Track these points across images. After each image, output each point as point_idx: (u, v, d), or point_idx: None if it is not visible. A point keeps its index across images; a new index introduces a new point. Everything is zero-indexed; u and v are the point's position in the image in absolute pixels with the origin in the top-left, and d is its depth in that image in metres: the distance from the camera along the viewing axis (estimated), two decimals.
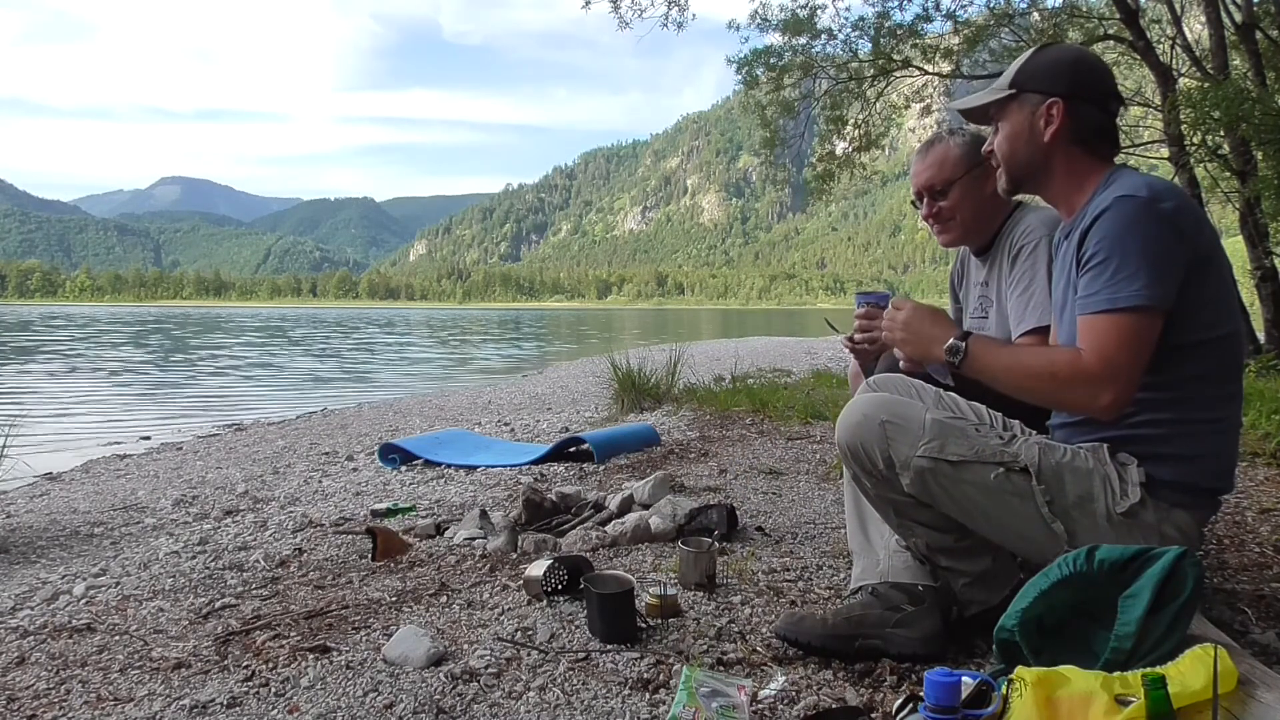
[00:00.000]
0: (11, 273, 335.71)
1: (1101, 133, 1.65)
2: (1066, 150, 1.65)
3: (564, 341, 33.42)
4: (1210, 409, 1.56)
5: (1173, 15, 10.42)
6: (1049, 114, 1.64)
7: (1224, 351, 1.56)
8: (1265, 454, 3.76)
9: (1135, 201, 1.49)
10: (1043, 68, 1.67)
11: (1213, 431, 1.57)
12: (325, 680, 1.70)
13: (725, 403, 6.34)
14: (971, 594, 1.72)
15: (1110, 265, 1.48)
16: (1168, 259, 1.47)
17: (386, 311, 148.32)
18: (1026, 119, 1.66)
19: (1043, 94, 1.64)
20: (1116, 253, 1.48)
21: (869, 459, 1.65)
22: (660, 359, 7.38)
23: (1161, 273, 1.46)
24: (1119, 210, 1.50)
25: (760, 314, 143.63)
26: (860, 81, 12.17)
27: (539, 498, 3.08)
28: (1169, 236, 1.48)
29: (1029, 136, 1.66)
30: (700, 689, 1.47)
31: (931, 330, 1.66)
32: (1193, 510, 1.58)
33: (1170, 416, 1.54)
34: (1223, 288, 1.55)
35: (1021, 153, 1.68)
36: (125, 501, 4.35)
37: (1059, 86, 1.64)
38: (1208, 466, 1.57)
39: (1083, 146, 1.64)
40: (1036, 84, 1.66)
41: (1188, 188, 9.43)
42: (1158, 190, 1.51)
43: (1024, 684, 1.17)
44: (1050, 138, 1.64)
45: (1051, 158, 1.66)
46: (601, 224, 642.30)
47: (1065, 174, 1.66)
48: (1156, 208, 1.48)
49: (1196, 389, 1.55)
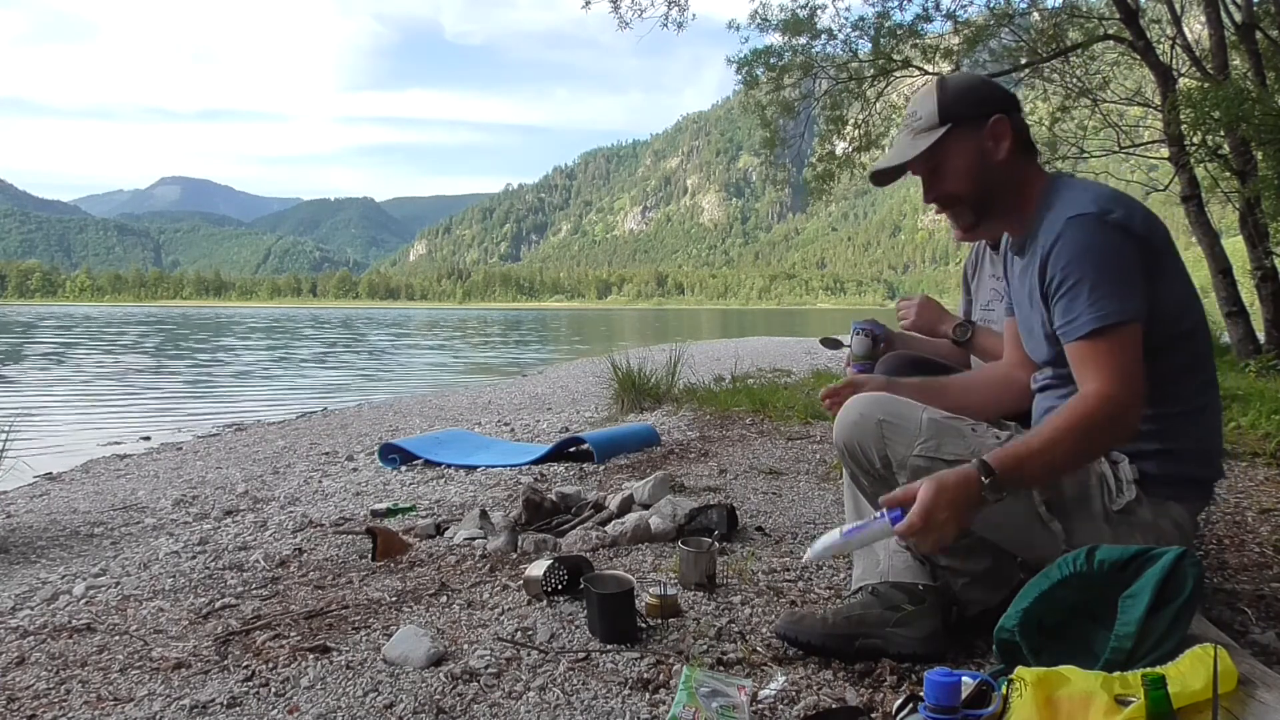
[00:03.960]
0: (11, 273, 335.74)
1: (1030, 141, 1.66)
2: (1018, 164, 1.63)
3: (564, 341, 33.42)
4: (1189, 400, 1.58)
5: (1173, 15, 10.42)
6: (995, 131, 1.61)
7: (1193, 343, 1.58)
8: (1265, 454, 3.76)
9: (1087, 220, 1.49)
10: (965, 93, 1.63)
11: (1195, 421, 1.59)
12: (325, 680, 1.70)
13: (725, 403, 6.34)
14: (971, 594, 1.72)
15: (1083, 288, 1.48)
16: (1131, 269, 1.48)
17: (387, 311, 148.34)
18: (974, 147, 1.61)
19: (982, 116, 1.61)
20: (1086, 275, 1.48)
21: (866, 458, 1.66)
22: (660, 359, 7.38)
23: (1131, 284, 1.48)
24: (1074, 232, 1.50)
25: (760, 314, 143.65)
26: (860, 81, 12.16)
27: (539, 498, 3.08)
28: (1127, 247, 1.49)
29: (984, 161, 1.61)
30: (700, 689, 1.47)
31: (957, 492, 1.42)
32: (1186, 502, 1.60)
33: (1152, 412, 1.56)
34: (1181, 281, 1.57)
35: (983, 181, 1.63)
36: (125, 501, 4.35)
37: (993, 104, 1.62)
38: (1195, 456, 1.59)
39: (1025, 155, 1.64)
40: (971, 110, 1.61)
41: (1188, 188, 9.44)
42: (1104, 202, 1.52)
43: (1024, 684, 1.17)
44: (1006, 154, 1.61)
45: (1008, 176, 1.63)
46: (601, 224, 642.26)
47: (1017, 189, 1.64)
48: (1108, 221, 1.49)
49: (1174, 383, 1.56)
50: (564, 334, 42.13)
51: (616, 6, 11.93)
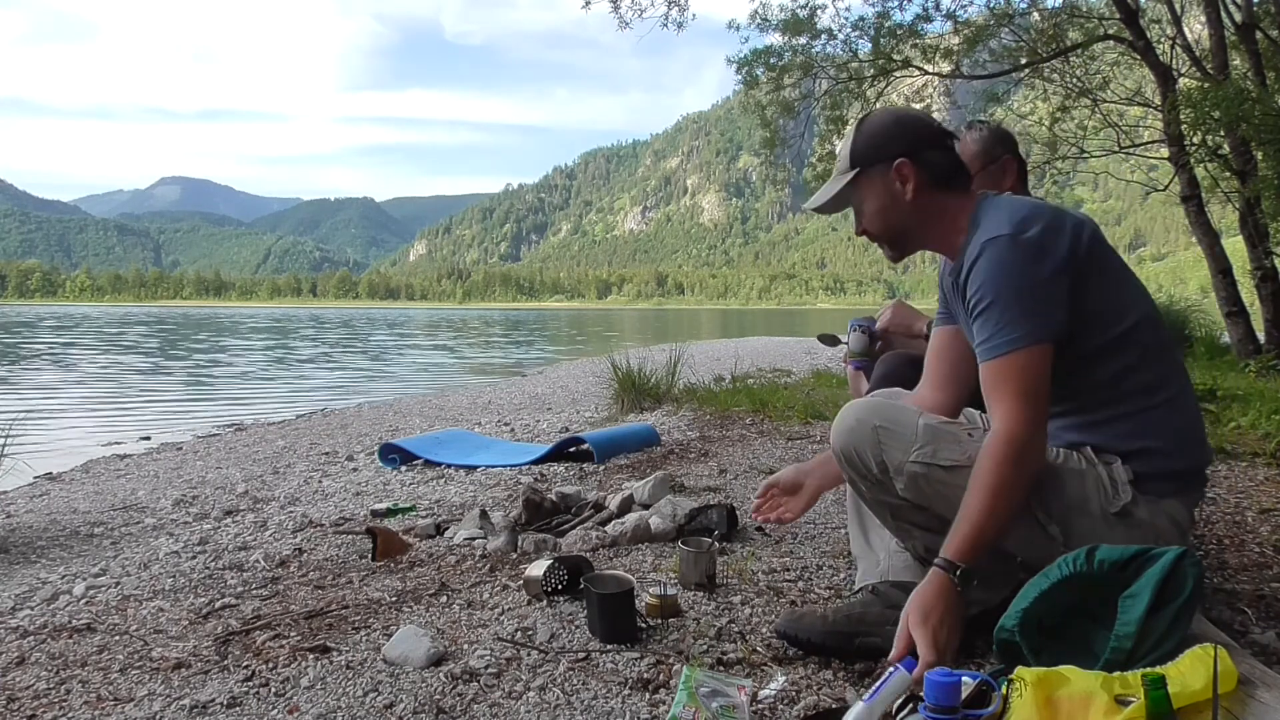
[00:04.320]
0: (11, 273, 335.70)
1: (952, 171, 1.69)
2: (931, 198, 1.68)
3: (564, 341, 33.42)
4: (1155, 392, 1.60)
5: (1173, 15, 10.42)
6: (900, 174, 1.67)
7: (1139, 337, 1.59)
8: (1265, 454, 3.76)
9: (999, 241, 1.53)
10: (873, 137, 1.70)
11: (1167, 413, 1.60)
12: (325, 680, 1.70)
13: (725, 403, 6.34)
14: (970, 594, 1.72)
15: (993, 311, 1.52)
16: (1044, 287, 1.51)
17: (387, 312, 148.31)
18: (883, 189, 1.69)
19: (886, 160, 1.67)
20: (998, 296, 1.52)
21: (863, 464, 1.66)
22: (660, 359, 7.38)
23: (1043, 304, 1.51)
24: (988, 254, 1.54)
25: (760, 314, 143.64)
26: (860, 81, 12.16)
27: (539, 498, 3.08)
28: (1041, 265, 1.52)
29: (893, 202, 1.69)
30: (700, 689, 1.47)
31: (941, 608, 1.45)
32: (1180, 496, 1.61)
33: (1123, 411, 1.59)
34: (1116, 282, 1.59)
35: (894, 220, 1.70)
36: (125, 501, 4.35)
37: (897, 146, 1.68)
38: (1176, 448, 1.60)
39: (942, 189, 1.68)
40: (876, 154, 1.68)
41: (1188, 188, 9.44)
42: (1019, 221, 1.54)
43: (1024, 684, 1.17)
44: (912, 195, 1.67)
45: (922, 212, 1.69)
46: (601, 224, 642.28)
47: (938, 221, 1.70)
48: (1021, 240, 1.52)
49: (1136, 379, 1.59)
50: (564, 334, 42.12)
51: (616, 6, 11.94)
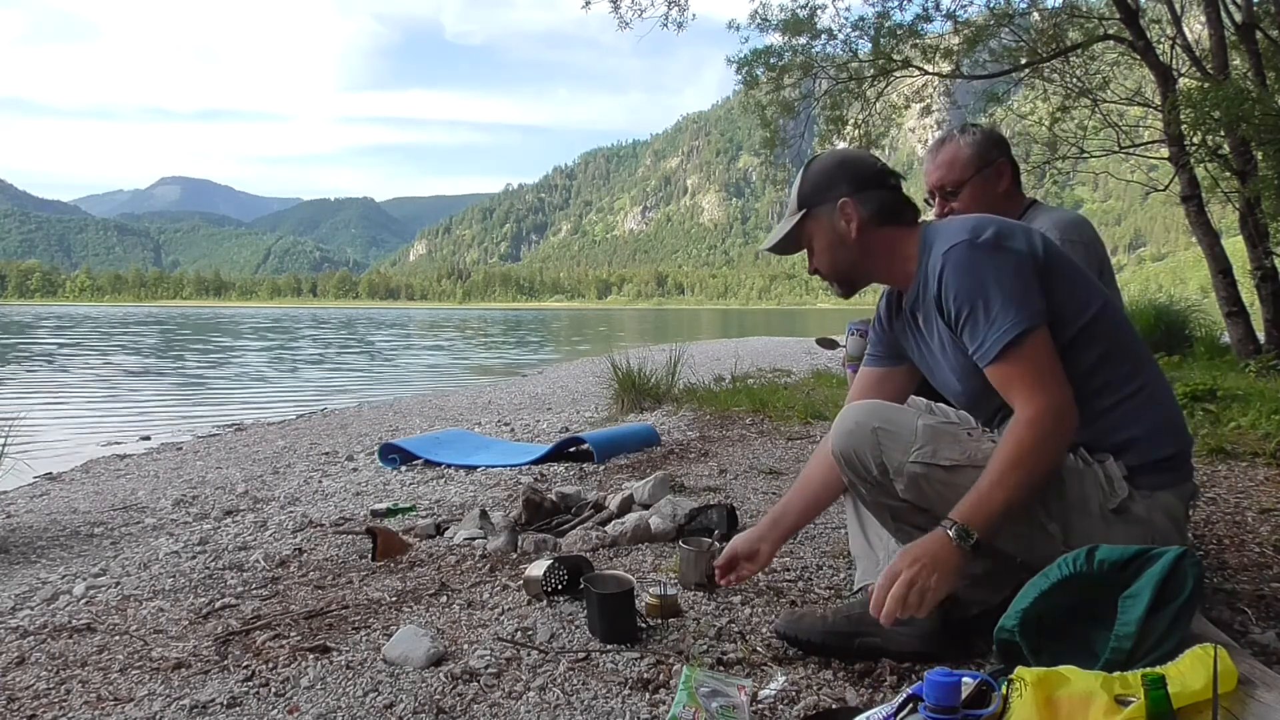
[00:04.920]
0: (11, 273, 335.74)
1: (896, 207, 1.73)
2: (877, 235, 1.72)
3: (564, 342, 33.42)
4: (1127, 382, 1.61)
5: (1173, 15, 10.41)
6: (845, 213, 1.72)
7: (1105, 326, 1.62)
8: (1265, 454, 3.76)
9: (959, 248, 1.58)
10: (818, 179, 1.76)
11: (1143, 403, 1.62)
12: (325, 680, 1.70)
13: (725, 403, 6.34)
14: (971, 594, 1.72)
15: (979, 312, 1.55)
16: (1018, 278, 1.55)
17: (387, 312, 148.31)
18: (829, 228, 1.74)
19: (830, 201, 1.72)
20: (978, 297, 1.55)
21: (862, 466, 1.66)
22: (660, 359, 7.38)
23: (1022, 292, 1.54)
24: (952, 263, 1.58)
25: (760, 314, 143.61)
26: (860, 81, 12.15)
27: (539, 498, 3.08)
28: (1004, 260, 1.56)
29: (839, 241, 1.73)
30: (700, 689, 1.47)
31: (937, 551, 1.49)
32: (1173, 488, 1.61)
33: (1106, 403, 1.60)
34: (1070, 278, 1.62)
35: (841, 257, 1.75)
36: (125, 501, 4.35)
37: (840, 188, 1.73)
38: (1158, 436, 1.61)
39: (888, 224, 1.72)
40: (820, 195, 1.74)
41: (1188, 188, 9.44)
42: (971, 228, 1.60)
43: (1024, 684, 1.17)
44: (856, 233, 1.72)
45: (867, 248, 1.73)
46: (601, 224, 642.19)
47: (887, 255, 1.74)
48: (979, 242, 1.57)
49: (1110, 370, 1.61)
50: (564, 334, 42.12)
51: (616, 6, 11.93)
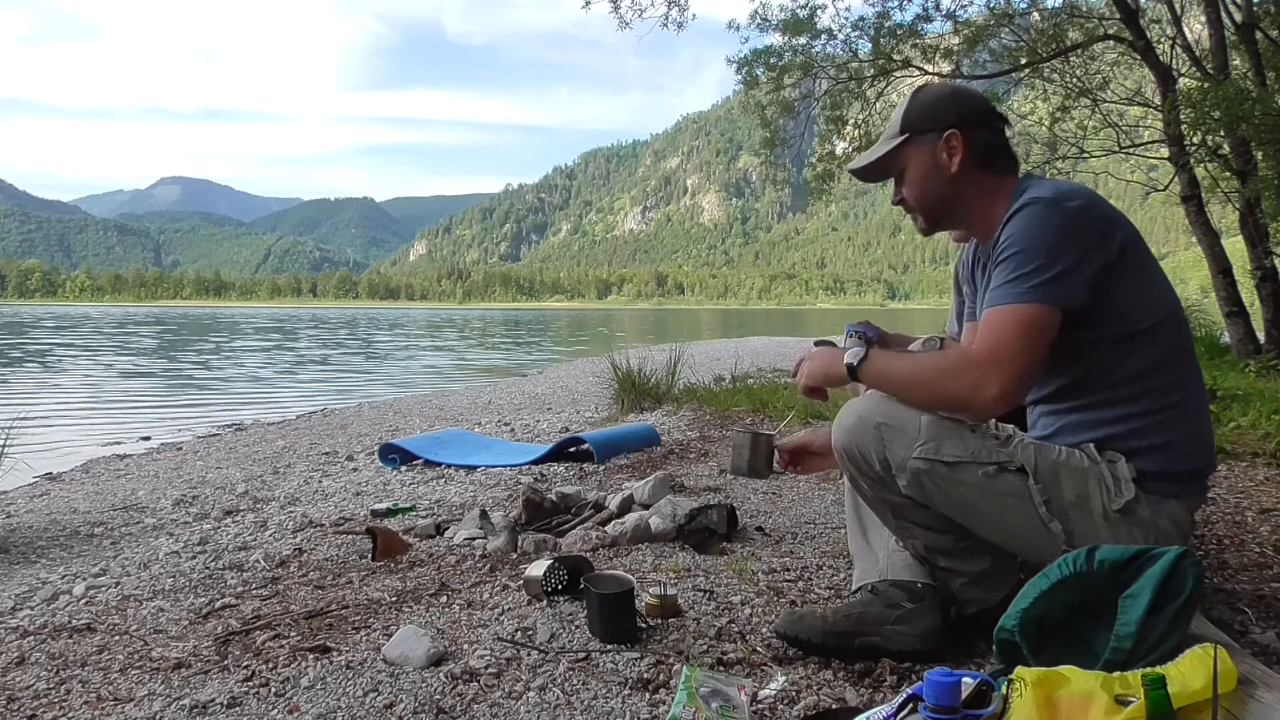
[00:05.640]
0: (11, 273, 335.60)
1: (999, 151, 1.71)
2: (974, 175, 1.70)
3: (564, 342, 33.41)
4: (1170, 394, 1.60)
5: (1173, 15, 10.41)
6: (949, 145, 1.69)
7: (1164, 337, 1.60)
8: (1265, 454, 3.76)
9: (1041, 202, 1.55)
10: (928, 106, 1.72)
11: (1180, 414, 1.60)
12: (325, 680, 1.70)
13: (725, 403, 6.34)
14: (970, 593, 1.72)
15: (1013, 261, 1.54)
16: (1069, 256, 1.51)
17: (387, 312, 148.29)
18: (929, 157, 1.71)
19: (937, 130, 1.69)
20: (1021, 249, 1.54)
21: (865, 461, 1.66)
22: (660, 359, 7.38)
23: (1062, 270, 1.51)
24: (1026, 211, 1.56)
25: (760, 314, 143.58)
26: (860, 81, 12.15)
27: (539, 498, 3.08)
28: (1073, 234, 1.52)
29: (936, 172, 1.71)
30: (700, 689, 1.47)
31: (832, 354, 1.77)
32: (1182, 498, 1.61)
33: (1136, 409, 1.58)
34: (1144, 280, 1.59)
35: (933, 190, 1.73)
36: (125, 501, 4.35)
37: (950, 118, 1.69)
38: (1185, 449, 1.60)
39: (987, 168, 1.70)
40: (927, 122, 1.71)
41: (1188, 188, 9.44)
42: (1064, 191, 1.57)
43: (1024, 684, 1.17)
44: (957, 167, 1.69)
45: (961, 186, 1.71)
46: (601, 224, 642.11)
47: (977, 198, 1.71)
48: (1063, 206, 1.54)
49: (1152, 378, 1.58)
50: (564, 334, 42.12)
51: (616, 6, 11.93)
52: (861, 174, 1.82)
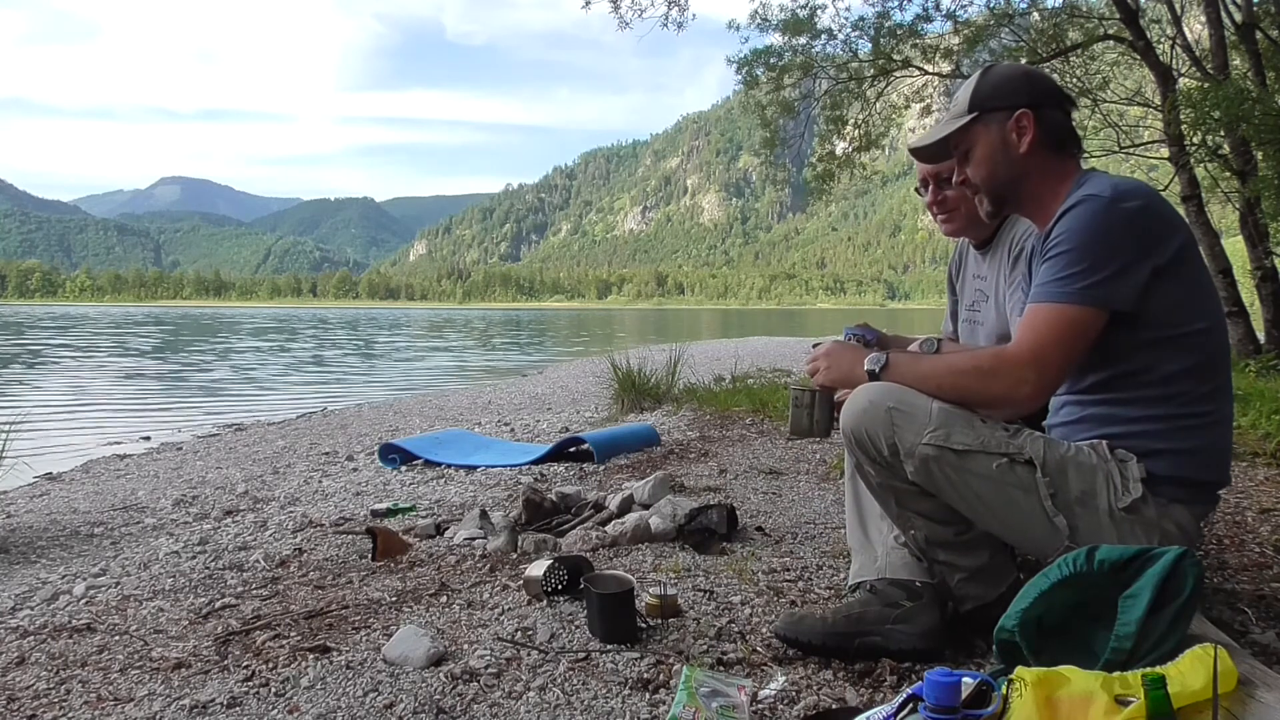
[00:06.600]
0: (11, 273, 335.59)
1: (1069, 134, 1.69)
2: (1042, 157, 1.67)
3: (564, 342, 33.41)
4: (1198, 403, 1.58)
5: (1173, 15, 10.42)
6: (1019, 125, 1.66)
7: (1203, 346, 1.58)
8: (1265, 454, 3.76)
9: (1098, 200, 1.52)
10: (998, 85, 1.69)
11: (1204, 425, 1.59)
12: (325, 680, 1.70)
13: (725, 403, 6.34)
14: (967, 589, 1.72)
15: (1064, 259, 1.52)
16: (1122, 258, 1.49)
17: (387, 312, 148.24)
18: (998, 136, 1.68)
19: (1008, 109, 1.66)
20: (1072, 247, 1.52)
21: (873, 445, 1.64)
22: (660, 359, 7.39)
23: (1112, 272, 1.49)
24: (1082, 207, 1.53)
25: (760, 314, 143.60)
26: (860, 81, 12.16)
27: (539, 498, 3.08)
28: (1126, 236, 1.50)
29: (1005, 152, 1.68)
30: (700, 689, 1.47)
31: (851, 355, 1.75)
32: (1191, 505, 1.59)
33: (1161, 412, 1.56)
34: (1193, 287, 1.57)
35: (1001, 170, 1.69)
36: (125, 501, 4.35)
37: (1021, 98, 1.66)
38: (1202, 460, 1.59)
39: (1055, 151, 1.68)
40: (998, 101, 1.67)
41: (1188, 188, 9.43)
42: (1123, 190, 1.54)
43: (1024, 684, 1.17)
44: (1027, 148, 1.66)
45: (1029, 166, 1.68)
46: (601, 224, 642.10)
47: (1041, 181, 1.69)
48: (1119, 207, 1.51)
49: (1182, 384, 1.56)
50: (564, 334, 42.12)
51: (617, 6, 11.95)
52: (922, 153, 1.81)
